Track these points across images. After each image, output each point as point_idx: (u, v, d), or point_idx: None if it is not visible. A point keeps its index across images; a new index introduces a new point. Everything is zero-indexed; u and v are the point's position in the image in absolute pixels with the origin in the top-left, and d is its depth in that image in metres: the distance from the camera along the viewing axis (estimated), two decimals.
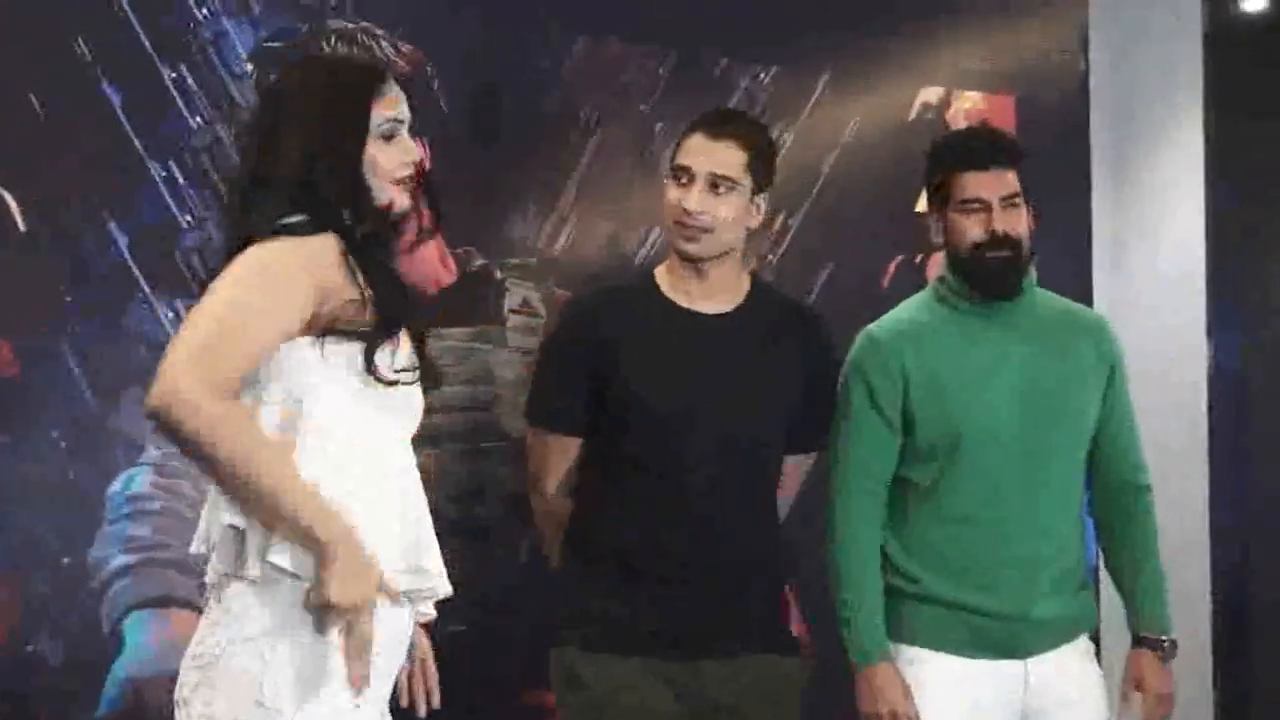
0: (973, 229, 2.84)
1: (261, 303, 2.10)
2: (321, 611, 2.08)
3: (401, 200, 2.27)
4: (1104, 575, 3.11)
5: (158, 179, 3.18)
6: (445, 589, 2.28)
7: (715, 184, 2.76)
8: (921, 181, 3.61)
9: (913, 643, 2.87)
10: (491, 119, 3.47)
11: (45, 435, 3.08)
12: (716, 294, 2.82)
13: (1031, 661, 2.87)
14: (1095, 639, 3.07)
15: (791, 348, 2.86)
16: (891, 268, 3.90)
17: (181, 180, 3.20)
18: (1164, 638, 2.97)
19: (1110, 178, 4.39)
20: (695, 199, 2.74)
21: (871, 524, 2.88)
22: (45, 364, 3.08)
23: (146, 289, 3.16)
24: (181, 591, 3.12)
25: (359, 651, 2.09)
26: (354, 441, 2.17)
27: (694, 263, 2.79)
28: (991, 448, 2.85)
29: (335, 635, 2.11)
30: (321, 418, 2.15)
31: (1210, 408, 4.39)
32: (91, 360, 3.11)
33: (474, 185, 3.40)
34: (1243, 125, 4.39)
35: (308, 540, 2.07)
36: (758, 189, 2.81)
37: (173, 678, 3.07)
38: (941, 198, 2.88)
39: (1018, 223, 2.86)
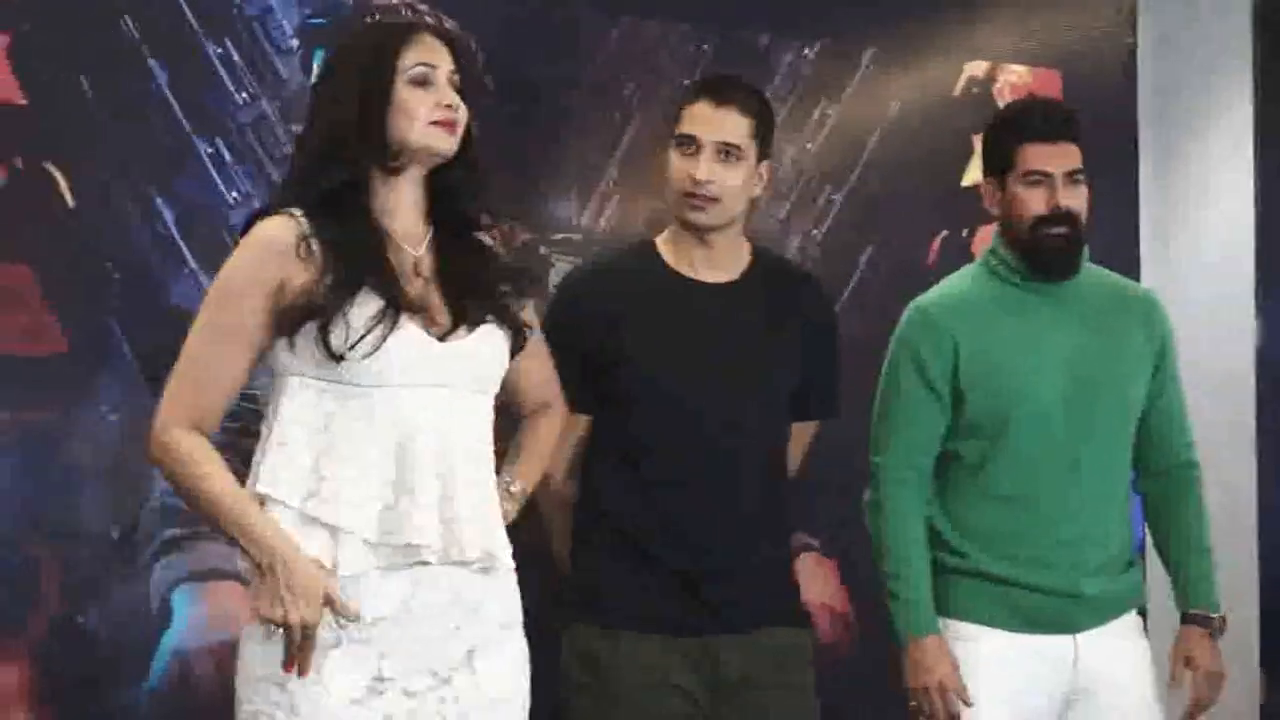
0: (1035, 202, 2.82)
1: (221, 330, 2.24)
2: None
3: (441, 142, 2.30)
4: (1151, 552, 3.10)
5: (204, 156, 3.20)
6: (455, 554, 2.26)
7: (723, 152, 2.73)
8: (966, 156, 3.60)
9: (961, 618, 2.86)
10: (535, 96, 3.48)
11: (94, 410, 3.11)
12: (720, 263, 2.80)
13: (1081, 638, 2.85)
14: (1143, 615, 3.05)
15: (795, 315, 2.85)
16: (936, 244, 3.89)
17: (228, 157, 3.22)
18: (1213, 615, 2.95)
19: (1157, 156, 4.36)
20: (704, 168, 2.72)
21: (918, 500, 2.87)
22: (93, 339, 3.11)
23: (193, 265, 3.18)
24: (229, 565, 3.14)
25: (296, 653, 2.18)
26: (322, 424, 2.23)
27: (699, 233, 2.77)
28: (1039, 427, 2.84)
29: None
30: (289, 414, 2.24)
31: (1258, 388, 4.35)
32: (139, 336, 3.13)
33: (518, 162, 3.41)
34: None
35: (246, 556, 2.23)
36: (761, 156, 2.80)
37: (220, 649, 3.13)
38: (1003, 168, 2.85)
39: (1079, 199, 2.84)
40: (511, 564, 2.35)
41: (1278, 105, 4.35)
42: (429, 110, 2.28)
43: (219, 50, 3.21)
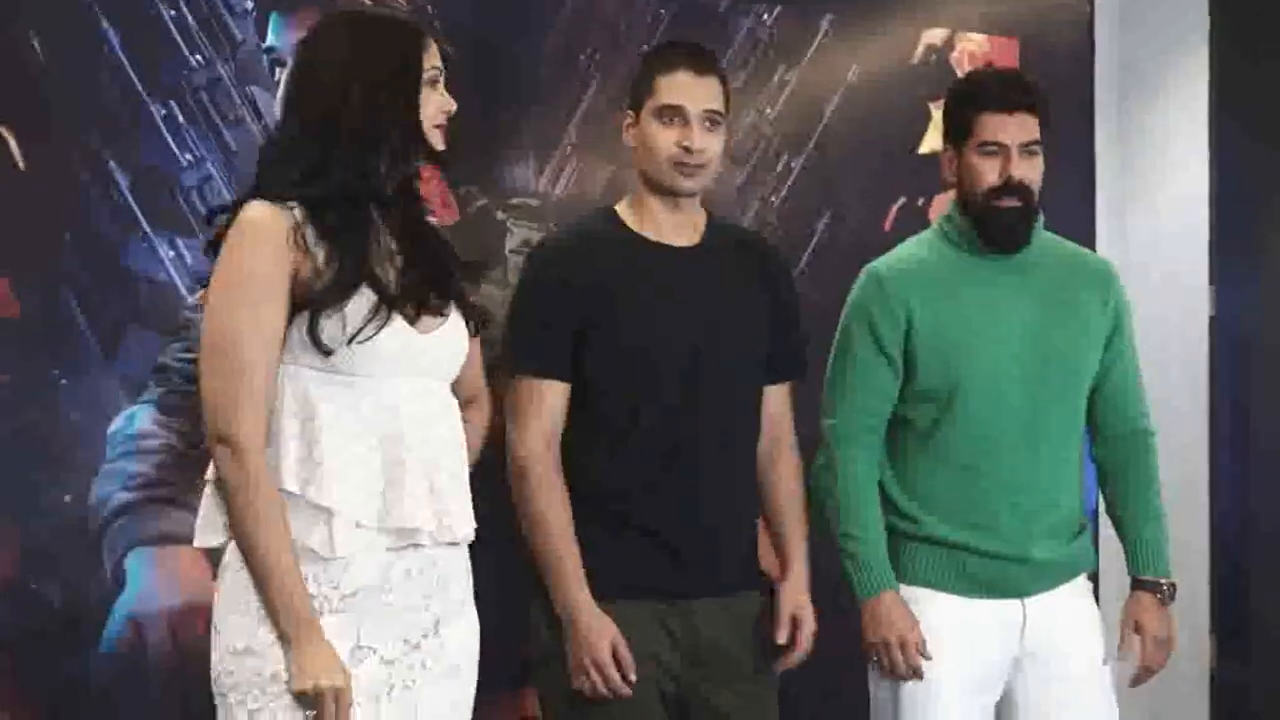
0: (988, 173, 2.83)
1: (254, 321, 2.23)
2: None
3: (439, 144, 2.39)
4: (1104, 518, 3.12)
5: (158, 118, 3.17)
6: (445, 536, 2.35)
7: (709, 120, 2.77)
8: (924, 124, 3.60)
9: (911, 582, 2.88)
10: (492, 62, 3.46)
11: (45, 375, 3.08)
12: (685, 228, 2.84)
13: (1029, 602, 2.88)
14: (1094, 581, 3.08)
15: (758, 275, 2.88)
16: (894, 210, 3.89)
17: (181, 119, 3.19)
18: (1163, 581, 2.98)
19: (1114, 126, 4.37)
20: (699, 137, 2.75)
21: (871, 461, 2.89)
22: (45, 304, 3.08)
23: (147, 228, 3.16)
24: (182, 529, 3.11)
25: None
26: (319, 408, 2.26)
27: (677, 198, 2.80)
28: (990, 395, 2.85)
29: None
30: (287, 397, 2.26)
31: (1211, 357, 4.38)
32: (91, 299, 3.10)
33: (475, 126, 3.39)
34: (1249, 74, 4.37)
35: (280, 621, 2.23)
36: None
37: (174, 614, 3.12)
38: (960, 137, 2.86)
39: (1033, 171, 2.85)
40: (470, 535, 2.43)
41: (1234, 76, 4.37)
42: (435, 114, 2.37)
43: (172, 12, 3.18)
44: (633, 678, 2.69)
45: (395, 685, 2.30)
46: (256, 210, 2.26)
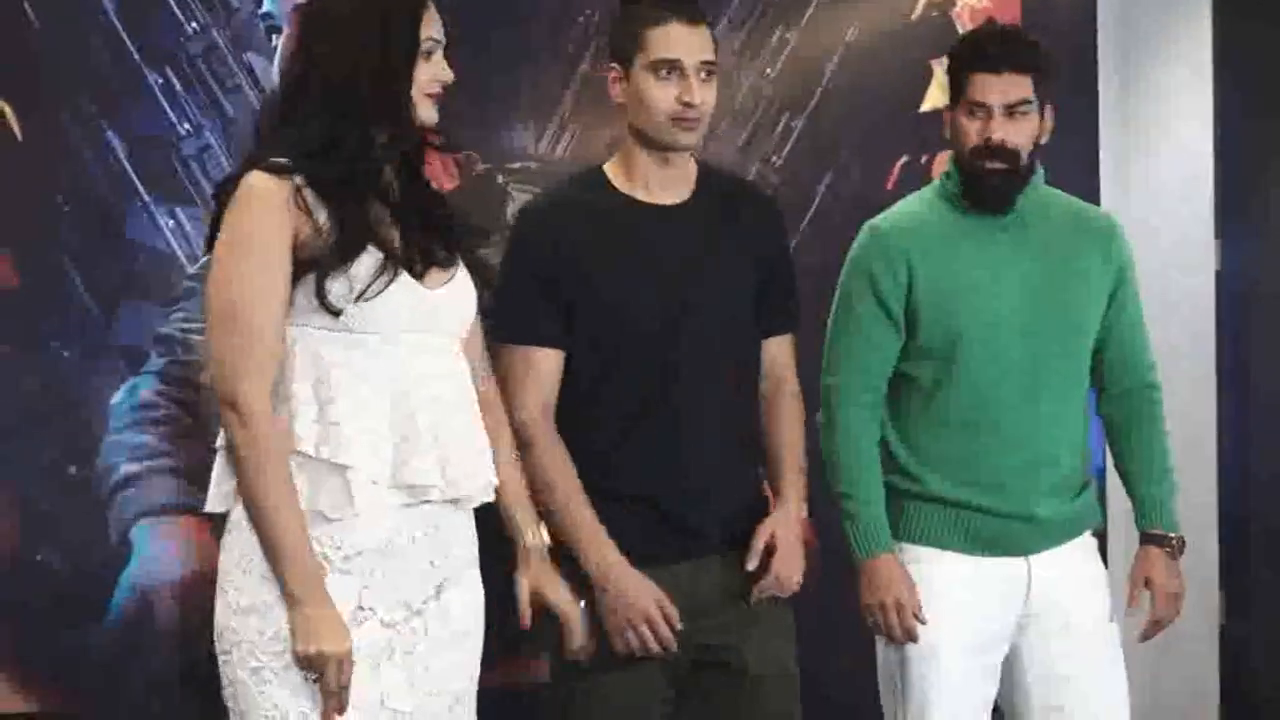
0: (971, 133, 2.81)
1: (259, 285, 2.21)
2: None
3: (431, 114, 2.34)
4: (1110, 477, 3.11)
5: (154, 87, 3.16)
6: (452, 492, 2.32)
7: (704, 71, 2.69)
8: (925, 82, 3.59)
9: (915, 541, 2.87)
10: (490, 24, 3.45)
11: (46, 346, 3.08)
12: (676, 183, 2.78)
13: (1034, 560, 2.87)
14: (1102, 539, 3.07)
15: (745, 228, 2.83)
16: (896, 169, 3.87)
17: (179, 87, 3.18)
18: (1172, 535, 2.97)
19: (1117, 81, 4.35)
20: (698, 91, 2.69)
21: (872, 421, 2.88)
22: (45, 274, 3.08)
23: (145, 197, 3.15)
24: (187, 499, 3.13)
25: (329, 695, 2.21)
26: (330, 369, 2.25)
27: (672, 154, 2.75)
28: (992, 350, 2.84)
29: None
30: (290, 364, 2.25)
31: (1217, 312, 4.37)
32: (91, 270, 3.10)
33: (475, 91, 3.38)
34: (1252, 28, 4.35)
35: (287, 583, 2.21)
36: None
37: (179, 583, 3.13)
38: (954, 96, 2.85)
39: (1018, 133, 2.80)
40: (490, 496, 2.42)
41: (1237, 30, 4.35)
42: (428, 83, 2.32)
43: None
44: (679, 627, 2.68)
45: (396, 649, 2.30)
46: (257, 178, 2.25)
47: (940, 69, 3.86)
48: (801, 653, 2.89)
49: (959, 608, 2.84)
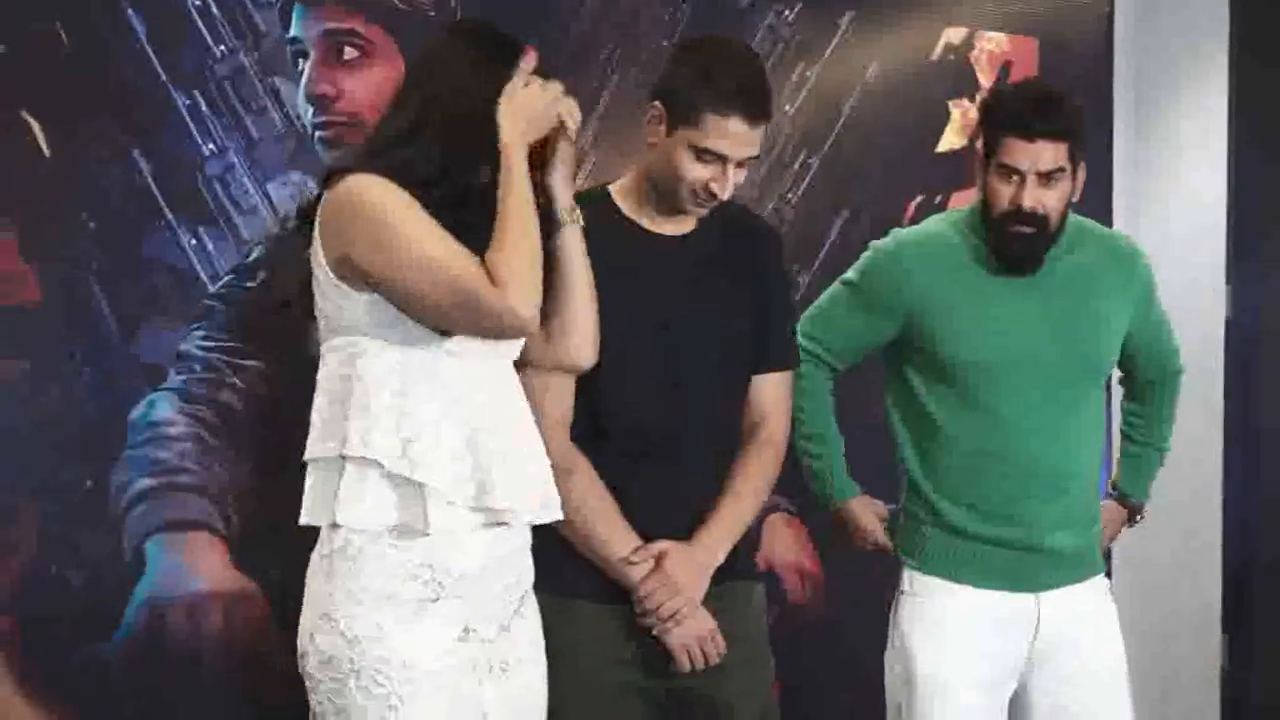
0: (1002, 196, 2.81)
1: (421, 227, 2.30)
2: None
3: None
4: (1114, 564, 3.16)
5: (181, 108, 3.20)
6: (528, 517, 2.40)
7: (742, 165, 2.69)
8: (942, 122, 3.63)
9: (929, 572, 2.90)
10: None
11: (67, 361, 3.11)
12: (679, 221, 2.80)
13: (1044, 598, 2.89)
14: (1105, 557, 3.12)
15: (746, 262, 2.83)
16: (911, 207, 3.90)
17: (205, 109, 3.21)
18: (1135, 500, 3.15)
19: (1133, 126, 4.38)
20: (730, 184, 2.68)
21: (827, 379, 2.99)
22: (68, 291, 3.11)
23: (169, 215, 3.18)
24: (201, 515, 3.16)
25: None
26: (405, 390, 2.30)
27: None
28: (1005, 383, 2.87)
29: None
30: (371, 376, 2.30)
31: (1227, 359, 4.39)
32: (114, 287, 3.13)
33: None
34: (1268, 74, 4.38)
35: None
36: None
37: (193, 599, 3.15)
38: (986, 151, 2.85)
39: (1052, 197, 2.80)
40: (559, 514, 2.50)
41: (1252, 77, 4.38)
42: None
43: (197, 3, 3.20)
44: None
45: (494, 666, 2.37)
46: (374, 179, 2.30)
47: (958, 111, 3.90)
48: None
49: (969, 643, 2.86)
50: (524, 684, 2.43)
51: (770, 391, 2.85)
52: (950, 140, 3.90)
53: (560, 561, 2.69)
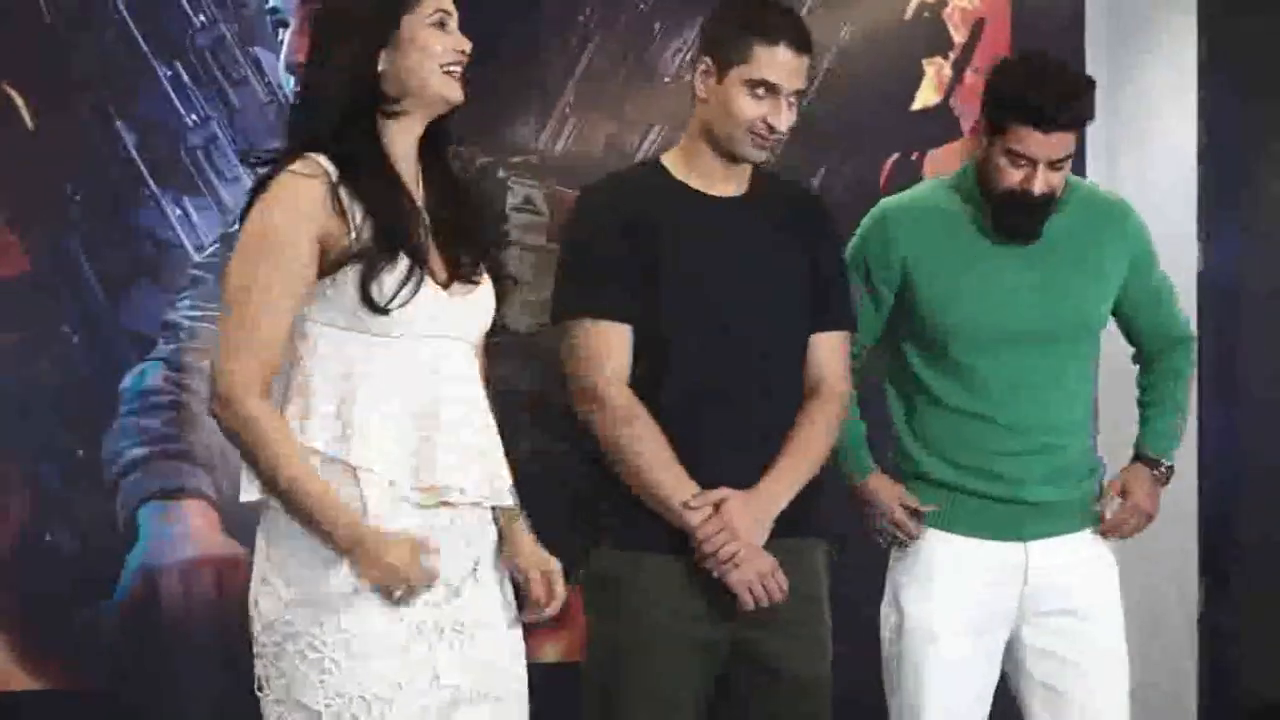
0: (1011, 179, 2.78)
1: (268, 278, 2.21)
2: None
3: (454, 92, 2.31)
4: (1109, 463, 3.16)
5: (163, 78, 3.21)
6: (474, 494, 2.32)
7: (793, 97, 2.68)
8: (917, 80, 3.61)
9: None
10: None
11: (56, 331, 3.13)
12: (734, 179, 2.79)
13: (1032, 546, 2.91)
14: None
15: (799, 227, 2.83)
16: (888, 166, 3.93)
17: (187, 80, 3.23)
18: (1164, 461, 3.01)
19: (1105, 80, 4.40)
20: (785, 118, 2.68)
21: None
22: (55, 261, 3.13)
23: (153, 186, 3.20)
24: (193, 482, 3.19)
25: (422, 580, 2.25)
26: (353, 368, 2.26)
27: (734, 161, 2.72)
28: (989, 345, 2.88)
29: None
30: (314, 360, 2.26)
31: (1199, 312, 4.43)
32: (100, 256, 3.15)
33: (475, 85, 3.41)
34: (1237, 29, 4.40)
35: (325, 541, 2.22)
36: None
37: (185, 565, 3.18)
38: (991, 130, 2.79)
39: (1059, 181, 2.79)
40: (510, 501, 2.41)
41: (1222, 32, 4.40)
42: (445, 51, 2.30)
43: None
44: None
45: (445, 627, 2.33)
46: (285, 177, 2.27)
47: (932, 69, 3.93)
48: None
49: (958, 592, 2.88)
50: (488, 640, 2.35)
51: (828, 349, 2.84)
52: (925, 98, 3.93)
53: (624, 514, 2.69)
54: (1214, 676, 4.37)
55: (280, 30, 3.31)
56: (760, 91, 2.67)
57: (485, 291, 2.38)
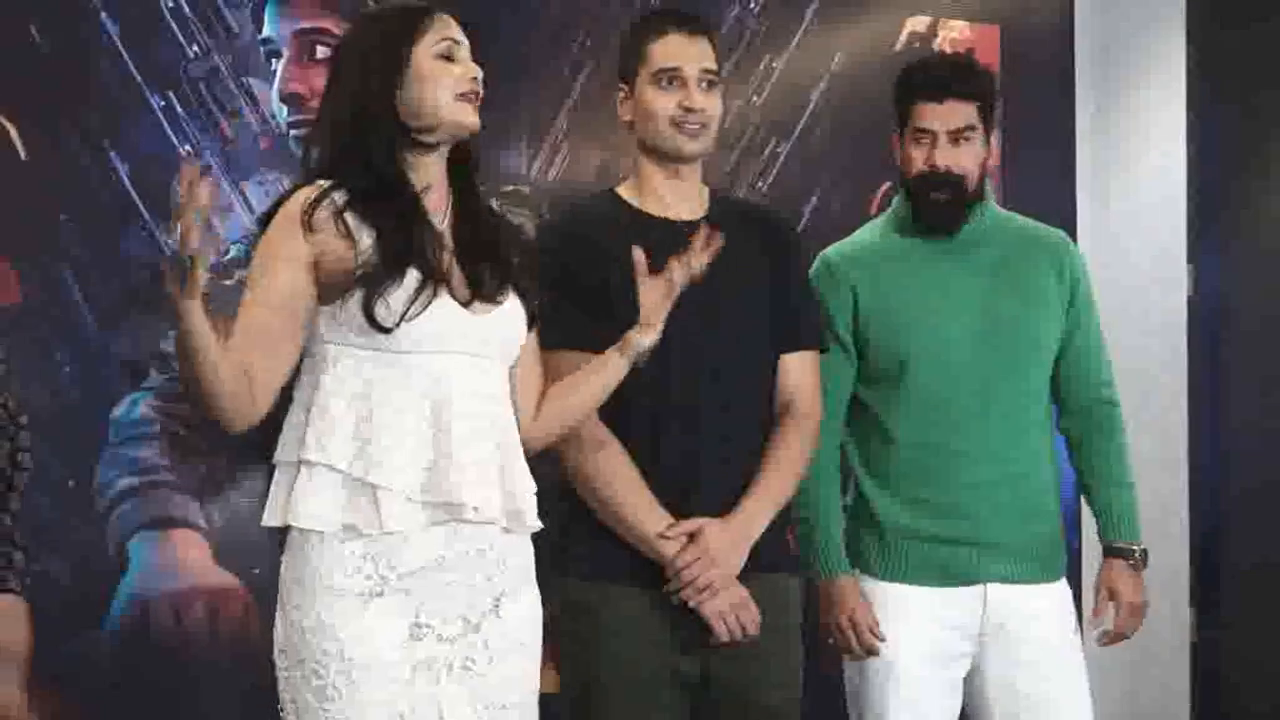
0: (917, 159, 2.86)
1: (253, 292, 2.28)
2: None
3: (468, 117, 2.34)
4: (1087, 522, 3.14)
5: (156, 109, 3.22)
6: (491, 515, 2.34)
7: (705, 80, 2.74)
8: None
9: (869, 574, 2.92)
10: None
11: (48, 360, 3.13)
12: (689, 199, 2.80)
13: (992, 586, 2.90)
14: (1075, 558, 3.11)
15: (762, 247, 2.83)
16: (879, 195, 3.95)
17: (179, 109, 3.24)
18: (1135, 546, 2.99)
19: (1095, 105, 4.43)
20: (697, 96, 2.72)
21: (831, 445, 2.91)
22: (47, 289, 3.13)
23: (146, 216, 3.21)
24: (184, 513, 3.19)
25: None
26: (369, 387, 2.30)
27: (678, 164, 2.76)
28: (940, 373, 2.87)
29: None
30: (334, 382, 2.30)
31: (1190, 334, 4.45)
32: (92, 286, 3.15)
33: None
34: (1226, 53, 4.43)
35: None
36: None
37: (176, 595, 3.18)
38: (900, 124, 2.91)
39: (964, 158, 2.84)
40: (536, 524, 2.43)
41: (1211, 56, 4.43)
42: (455, 82, 2.33)
43: (170, 3, 3.23)
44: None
45: (454, 664, 2.33)
46: (287, 205, 2.31)
47: None
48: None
49: (915, 620, 2.88)
50: (501, 680, 2.37)
51: (798, 369, 2.85)
52: None
53: (593, 545, 2.71)
54: (1206, 699, 4.38)
55: (273, 60, 3.33)
56: (665, 82, 2.72)
57: (512, 310, 2.40)
